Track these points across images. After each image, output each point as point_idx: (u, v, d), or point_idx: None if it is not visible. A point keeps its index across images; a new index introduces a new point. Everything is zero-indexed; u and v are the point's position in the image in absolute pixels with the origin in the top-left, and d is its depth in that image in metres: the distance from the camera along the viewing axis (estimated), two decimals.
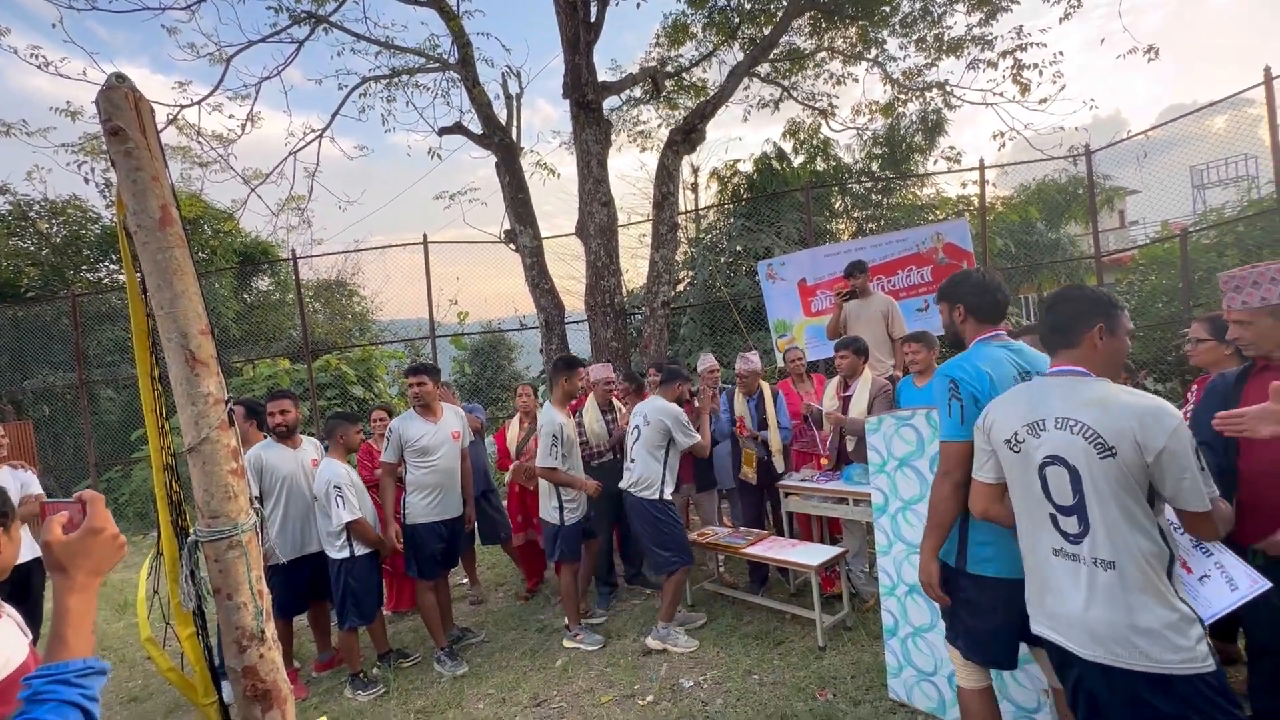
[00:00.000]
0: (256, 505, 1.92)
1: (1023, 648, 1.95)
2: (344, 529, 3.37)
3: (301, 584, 3.59)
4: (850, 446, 3.97)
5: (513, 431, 4.59)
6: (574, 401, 4.44)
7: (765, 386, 4.33)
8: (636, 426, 3.68)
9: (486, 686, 3.36)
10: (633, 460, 3.69)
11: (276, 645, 1.93)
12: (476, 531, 4.96)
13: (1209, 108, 6.89)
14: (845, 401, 3.91)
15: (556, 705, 3.11)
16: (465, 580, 4.93)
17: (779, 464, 4.19)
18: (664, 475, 3.60)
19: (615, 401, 4.47)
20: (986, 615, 1.90)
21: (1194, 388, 2.76)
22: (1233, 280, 2.00)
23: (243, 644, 1.83)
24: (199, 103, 7.26)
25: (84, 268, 12.80)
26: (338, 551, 3.41)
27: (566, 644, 3.69)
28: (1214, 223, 7.99)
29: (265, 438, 3.66)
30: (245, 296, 14.36)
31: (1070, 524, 1.59)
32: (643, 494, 3.59)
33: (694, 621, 3.76)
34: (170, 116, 7.35)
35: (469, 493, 3.94)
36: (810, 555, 3.53)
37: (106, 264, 13.17)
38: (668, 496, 3.63)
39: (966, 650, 1.98)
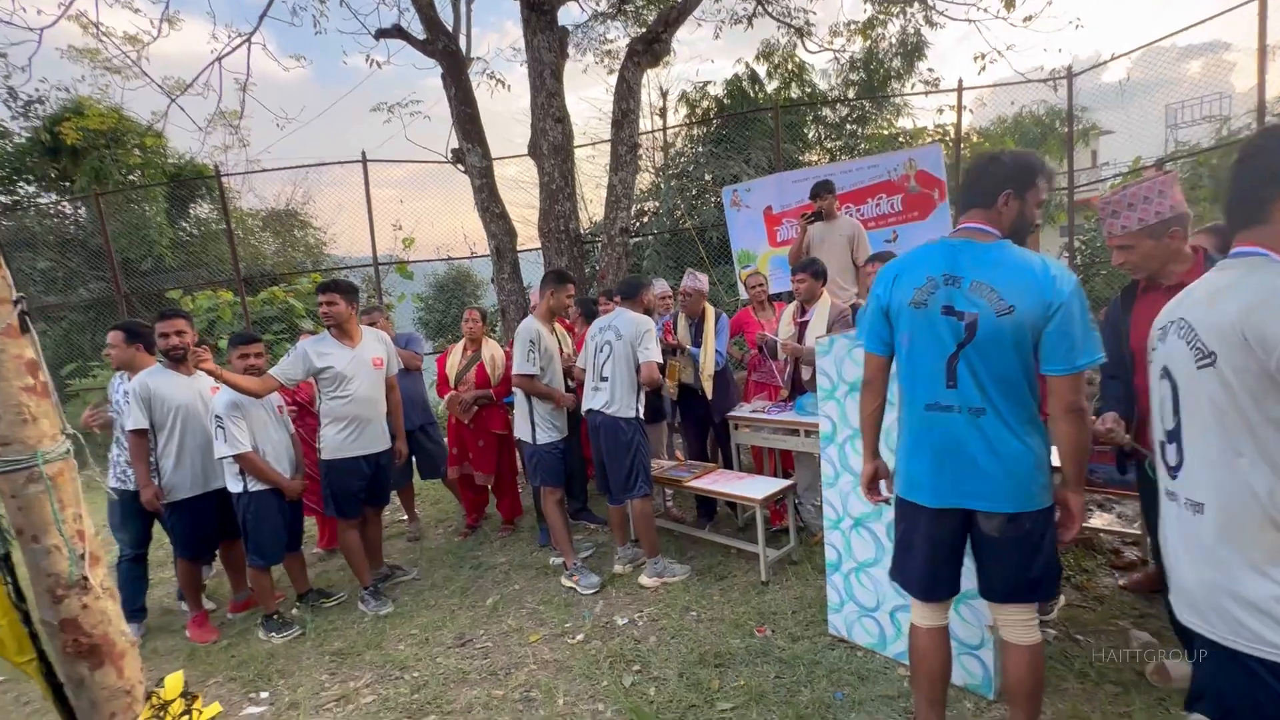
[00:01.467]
0: (71, 431, 1.58)
1: (964, 582, 1.83)
2: (234, 461, 3.05)
3: (208, 522, 3.29)
4: (806, 376, 3.73)
5: (454, 358, 4.25)
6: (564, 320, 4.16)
7: (709, 310, 4.04)
8: (607, 343, 3.36)
9: (410, 626, 3.16)
10: (604, 379, 3.36)
11: (108, 594, 1.64)
12: (415, 466, 4.71)
13: (1195, 27, 6.52)
14: (802, 327, 3.65)
15: (481, 645, 2.93)
16: (405, 517, 4.70)
17: (707, 389, 3.92)
18: (638, 391, 3.34)
19: (559, 329, 4.14)
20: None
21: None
22: (1108, 205, 1.94)
23: (57, 593, 1.54)
24: None
25: None
26: (234, 484, 3.11)
27: (564, 582, 3.45)
28: (1187, 153, 7.78)
29: (156, 364, 3.27)
30: (184, 224, 13.41)
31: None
32: (619, 413, 3.30)
33: (678, 573, 3.41)
34: (63, 6, 6.45)
35: (399, 426, 3.63)
36: (756, 488, 3.35)
37: (24, 183, 12.06)
38: (641, 415, 3.37)
39: (894, 574, 1.90)
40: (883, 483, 1.98)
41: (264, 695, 2.71)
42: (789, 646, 2.63)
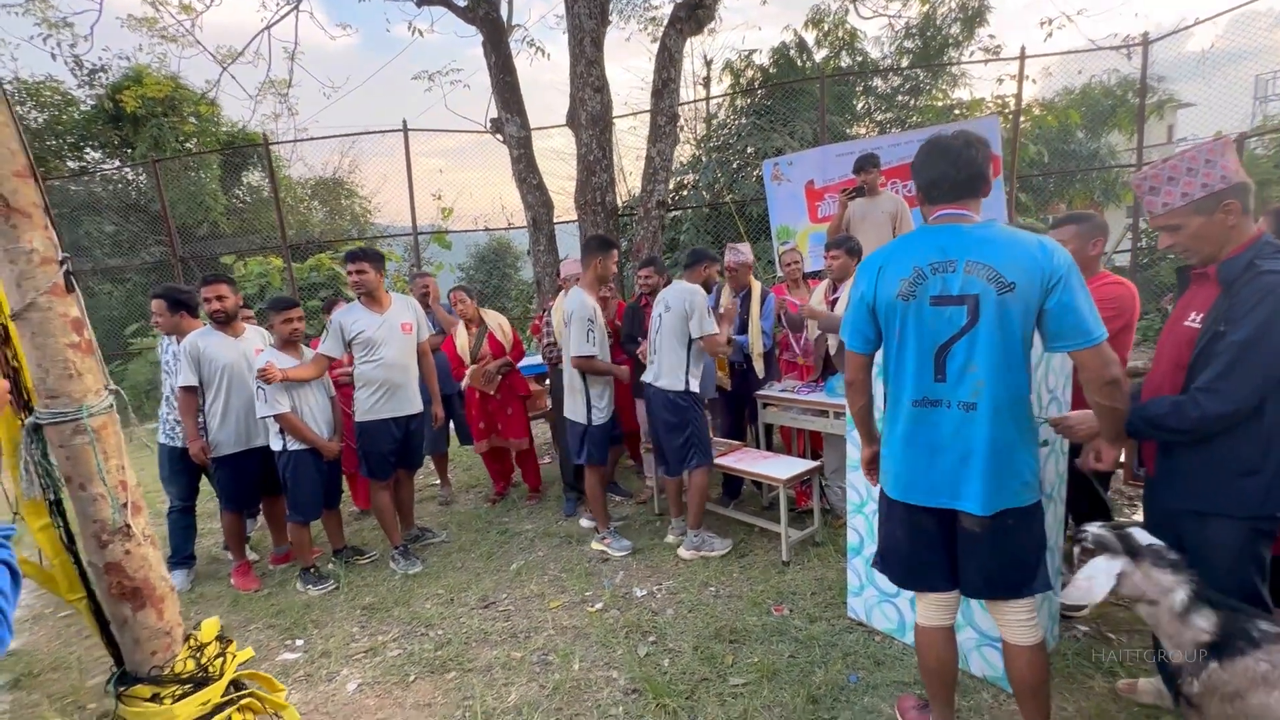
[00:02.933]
0: (114, 387, 1.66)
1: None
2: (276, 421, 3.19)
3: (251, 477, 3.45)
4: (834, 350, 3.65)
5: (461, 339, 4.22)
6: (606, 289, 4.06)
7: (755, 285, 3.96)
8: (659, 315, 3.32)
9: (437, 586, 3.27)
10: (656, 351, 3.36)
11: (150, 541, 1.74)
12: (453, 431, 4.83)
13: None
14: (832, 305, 3.55)
15: (504, 608, 3.01)
16: (437, 481, 4.84)
17: (759, 368, 3.88)
18: (688, 364, 3.26)
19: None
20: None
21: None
22: (1146, 181, 1.69)
23: (102, 539, 1.63)
24: None
25: (66, 154, 12.26)
26: (275, 442, 3.25)
27: (594, 545, 3.55)
28: (1275, 128, 7.18)
29: (205, 326, 3.41)
30: (237, 191, 13.85)
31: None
32: (666, 385, 3.27)
33: (718, 548, 3.37)
34: None
35: (434, 390, 3.71)
36: (781, 468, 3.31)
37: (90, 149, 12.62)
38: (694, 388, 3.29)
39: (879, 563, 1.88)
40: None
41: (299, 643, 2.86)
42: (806, 627, 2.63)
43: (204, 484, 3.66)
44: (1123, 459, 2.50)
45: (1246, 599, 1.56)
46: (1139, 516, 3.36)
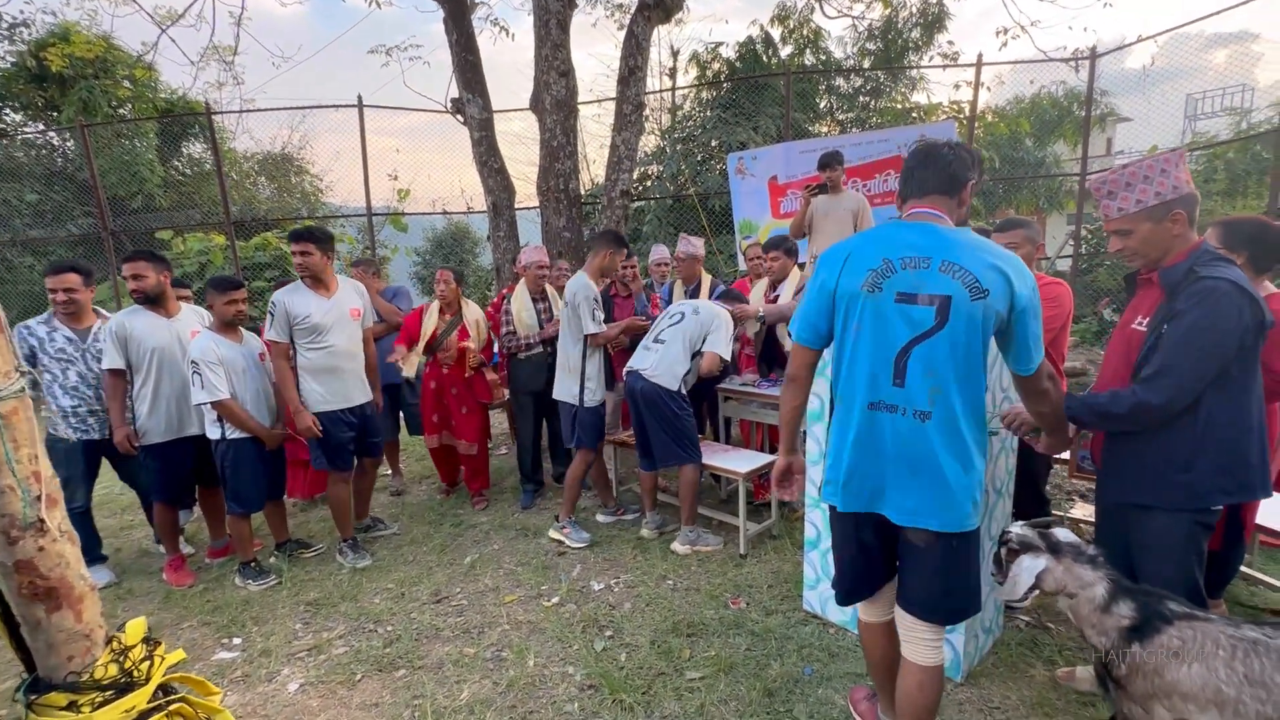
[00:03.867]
0: (28, 369, 1.51)
1: None
2: (212, 408, 3.01)
3: (184, 467, 3.26)
4: (788, 347, 3.68)
5: (430, 319, 3.98)
6: (610, 284, 4.08)
7: (706, 278, 3.96)
8: (681, 313, 3.33)
9: (387, 581, 3.16)
10: (659, 341, 3.29)
11: (67, 537, 1.60)
12: (403, 421, 4.67)
13: (1225, 12, 6.28)
14: (773, 304, 3.59)
15: (457, 603, 2.93)
16: (389, 471, 4.68)
17: None
18: (689, 370, 3.27)
19: (550, 290, 4.06)
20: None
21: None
22: (1105, 185, 1.75)
23: (12, 535, 1.49)
24: None
25: None
26: (212, 430, 3.07)
27: (552, 535, 3.49)
28: (1205, 144, 7.60)
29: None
30: (176, 163, 13.09)
31: None
32: (659, 381, 3.20)
33: (712, 544, 3.31)
34: None
35: (375, 377, 3.53)
36: (741, 462, 3.32)
37: (9, 110, 11.69)
38: (684, 391, 3.27)
39: (832, 575, 1.84)
40: (798, 479, 1.89)
41: (236, 641, 2.71)
42: (762, 620, 2.64)
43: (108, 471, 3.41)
44: (1066, 456, 2.60)
45: (1186, 588, 1.65)
46: (1078, 511, 3.52)
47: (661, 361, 3.23)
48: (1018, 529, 1.74)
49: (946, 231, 1.55)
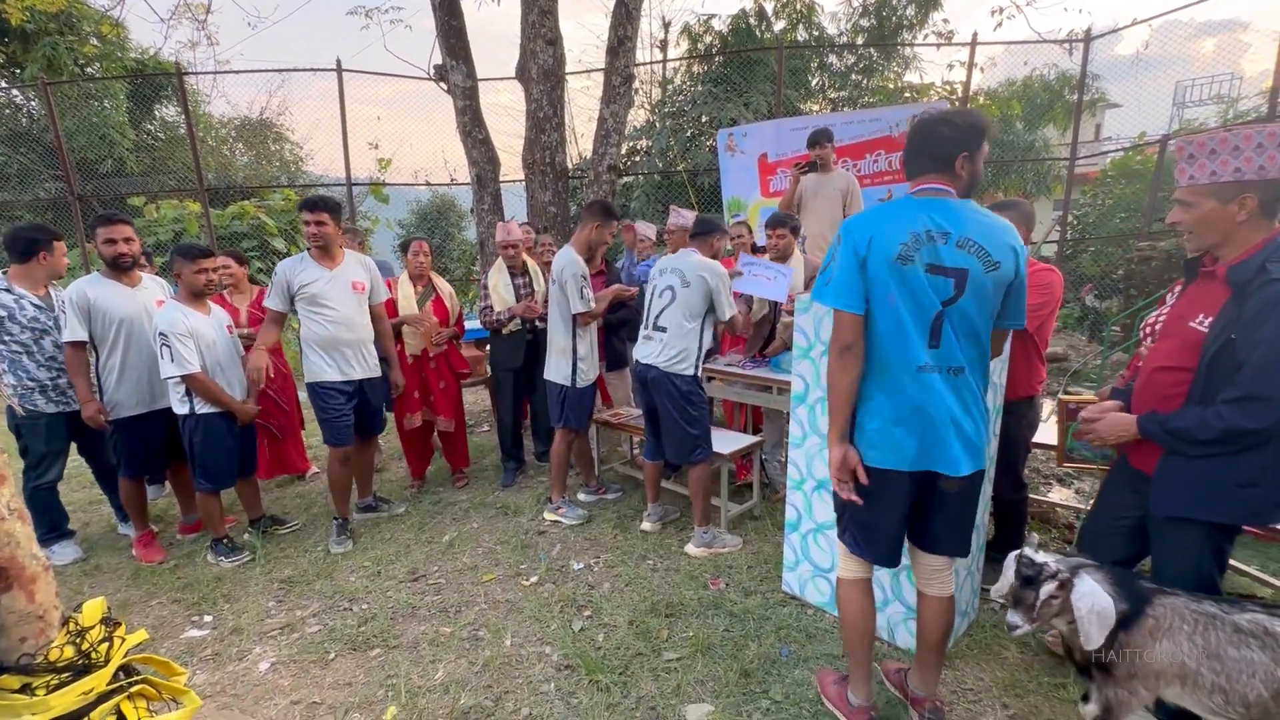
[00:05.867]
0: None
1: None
2: (181, 382, 2.92)
3: (154, 441, 3.17)
4: (780, 329, 3.64)
5: (405, 290, 3.86)
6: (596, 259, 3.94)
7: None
8: (669, 289, 3.02)
9: (364, 559, 3.12)
10: (661, 328, 3.04)
11: (16, 515, 1.53)
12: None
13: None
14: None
15: (434, 581, 2.90)
16: None
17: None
18: (700, 348, 3.03)
19: (532, 265, 3.97)
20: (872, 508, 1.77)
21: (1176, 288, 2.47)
22: (1189, 146, 1.57)
23: None
24: None
25: None
26: (179, 405, 2.97)
27: (547, 516, 3.44)
28: (1191, 132, 7.61)
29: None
30: (148, 126, 12.62)
31: None
32: (675, 369, 2.98)
33: (729, 545, 3.11)
34: None
35: (392, 354, 3.45)
36: (723, 442, 3.30)
37: None
38: (700, 373, 3.07)
39: (854, 546, 1.84)
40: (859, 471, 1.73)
41: (207, 619, 2.66)
42: (741, 601, 2.64)
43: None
44: (1054, 441, 2.60)
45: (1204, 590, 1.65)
46: (1055, 495, 3.56)
47: (666, 349, 3.01)
48: (1049, 557, 1.66)
49: (957, 206, 1.62)
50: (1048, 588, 1.61)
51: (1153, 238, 6.72)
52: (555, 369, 3.41)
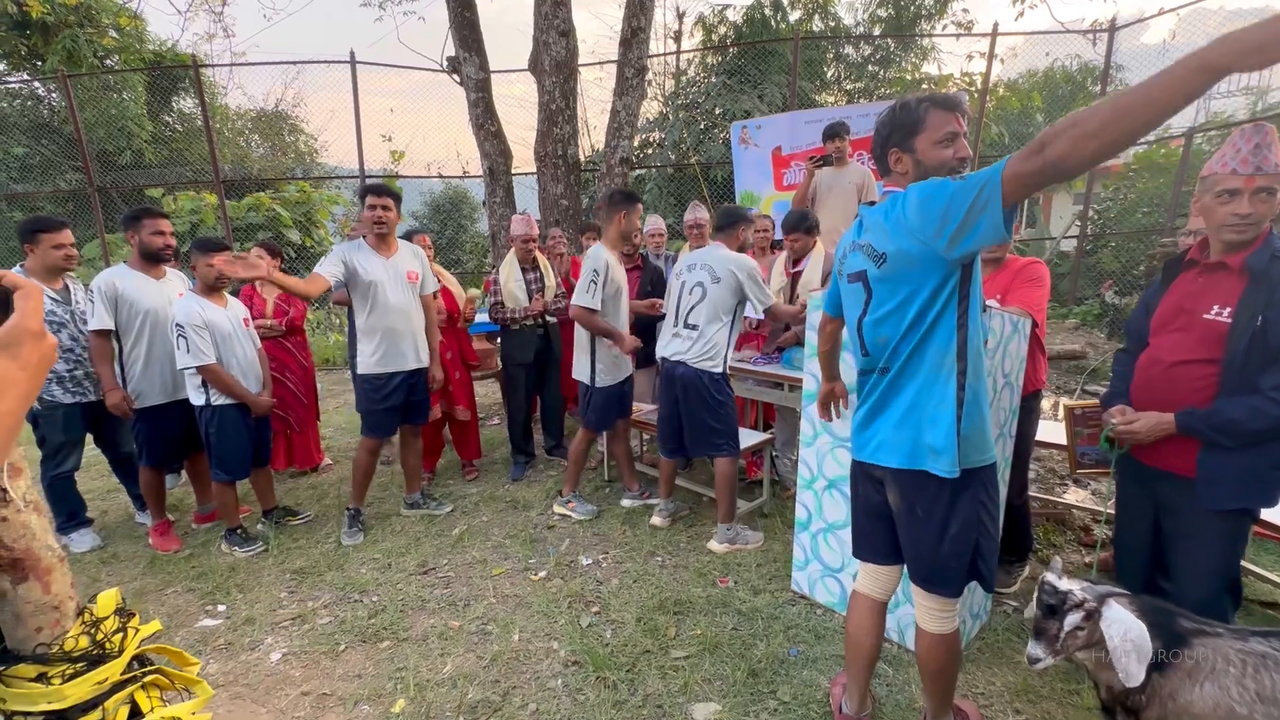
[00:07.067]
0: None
1: None
2: (196, 373, 2.96)
3: (175, 431, 3.21)
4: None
5: None
6: (631, 248, 3.88)
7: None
8: (699, 284, 2.95)
9: (374, 551, 3.14)
10: (691, 325, 2.97)
11: (32, 507, 1.55)
12: None
13: None
14: (795, 278, 3.49)
15: (443, 574, 2.92)
16: None
17: None
18: (729, 344, 2.99)
19: (542, 260, 3.96)
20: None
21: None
22: (1255, 135, 1.56)
23: None
24: None
25: None
26: (196, 396, 3.01)
27: (557, 509, 3.45)
28: (1219, 124, 7.42)
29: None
30: (166, 118, 12.75)
31: None
32: (704, 366, 2.93)
33: (752, 542, 3.09)
34: None
35: (435, 346, 3.41)
36: None
37: None
38: (727, 371, 3.02)
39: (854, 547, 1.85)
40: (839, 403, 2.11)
41: (220, 608, 2.70)
42: (750, 599, 2.63)
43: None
44: (1064, 441, 2.55)
45: (1228, 580, 1.67)
46: (1070, 497, 3.51)
47: (695, 345, 2.96)
48: (1074, 584, 1.53)
49: (882, 204, 1.57)
50: (1073, 618, 1.48)
51: (1176, 233, 6.57)
52: (577, 366, 3.40)
